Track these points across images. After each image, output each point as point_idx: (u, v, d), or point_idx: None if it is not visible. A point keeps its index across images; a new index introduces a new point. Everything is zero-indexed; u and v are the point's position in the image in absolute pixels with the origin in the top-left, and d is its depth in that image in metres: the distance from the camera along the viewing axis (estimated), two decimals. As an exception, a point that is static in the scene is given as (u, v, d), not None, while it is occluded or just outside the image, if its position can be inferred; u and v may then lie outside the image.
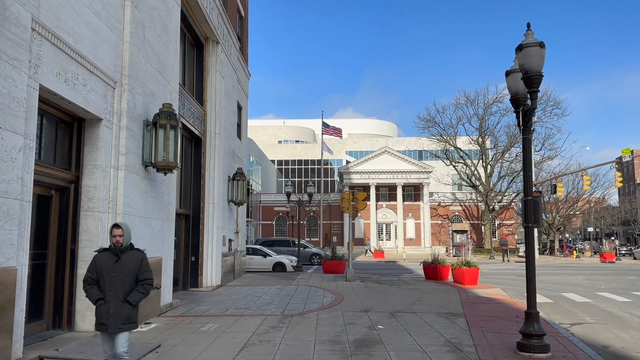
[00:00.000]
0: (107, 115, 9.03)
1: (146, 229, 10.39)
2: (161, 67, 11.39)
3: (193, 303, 13.03)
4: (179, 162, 10.79)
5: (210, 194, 16.71)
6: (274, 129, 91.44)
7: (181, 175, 15.64)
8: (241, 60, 22.05)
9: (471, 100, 53.13)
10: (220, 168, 17.32)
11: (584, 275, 25.04)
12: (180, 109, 14.12)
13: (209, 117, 17.02)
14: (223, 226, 17.78)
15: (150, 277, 5.61)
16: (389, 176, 60.26)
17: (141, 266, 5.58)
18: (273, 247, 34.16)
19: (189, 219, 16.18)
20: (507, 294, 16.26)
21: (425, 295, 15.11)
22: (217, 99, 17.33)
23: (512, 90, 8.43)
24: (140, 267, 5.57)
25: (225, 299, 13.85)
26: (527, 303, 7.74)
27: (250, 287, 17.18)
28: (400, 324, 10.04)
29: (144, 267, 5.59)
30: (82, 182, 8.80)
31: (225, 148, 18.34)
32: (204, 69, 17.01)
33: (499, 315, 11.36)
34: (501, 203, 53.42)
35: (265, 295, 14.73)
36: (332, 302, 13.32)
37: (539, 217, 7.78)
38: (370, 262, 38.80)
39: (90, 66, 8.32)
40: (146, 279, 5.56)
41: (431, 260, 20.86)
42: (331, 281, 19.61)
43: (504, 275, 25.59)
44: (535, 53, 7.46)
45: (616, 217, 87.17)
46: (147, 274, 5.60)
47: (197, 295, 14.63)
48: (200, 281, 16.21)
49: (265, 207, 62.86)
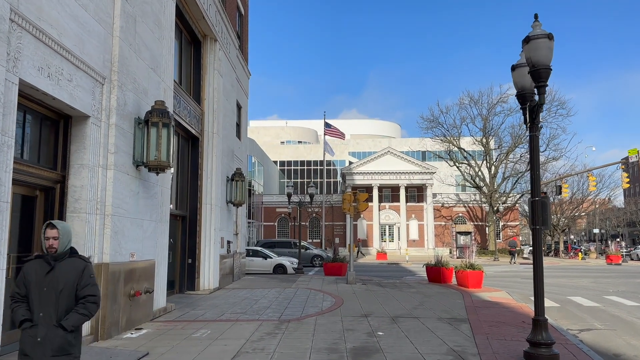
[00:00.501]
0: (95, 112, 8.66)
1: (138, 231, 10.01)
2: (154, 63, 11.02)
3: (188, 307, 12.65)
4: (173, 162, 10.42)
5: (208, 195, 16.34)
6: (277, 129, 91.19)
7: (177, 176, 15.28)
8: (241, 59, 21.69)
9: (475, 101, 52.72)
10: (219, 168, 16.95)
11: (590, 278, 24.55)
12: (176, 108, 13.76)
13: (207, 116, 16.66)
14: (221, 228, 17.41)
15: (95, 292, 4.24)
16: (392, 177, 59.81)
17: (82, 278, 4.20)
18: (274, 249, 33.80)
19: (185, 220, 15.81)
20: (512, 297, 15.81)
21: (428, 298, 14.69)
22: (215, 97, 16.96)
23: (518, 85, 8.02)
24: (81, 279, 4.20)
25: (221, 303, 13.46)
26: (534, 309, 7.33)
27: (249, 290, 16.80)
28: (401, 330, 9.63)
29: (85, 280, 4.21)
30: (69, 182, 8.43)
31: (224, 148, 17.98)
32: (202, 66, 16.64)
33: (504, 321, 10.94)
34: (505, 204, 52.89)
35: (263, 299, 14.34)
36: (331, 306, 12.92)
37: (547, 219, 7.37)
38: (373, 264, 38.38)
39: (76, 61, 7.95)
40: (88, 295, 4.19)
41: (434, 262, 20.43)
42: (332, 284, 19.21)
43: (508, 277, 25.13)
44: (543, 45, 7.05)
45: (621, 219, 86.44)
46: (90, 289, 4.22)
47: (193, 299, 14.26)
48: (197, 284, 15.84)
49: (267, 208, 62.53)
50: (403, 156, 60.59)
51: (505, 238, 60.57)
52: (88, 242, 8.39)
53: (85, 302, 4.18)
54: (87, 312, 4.18)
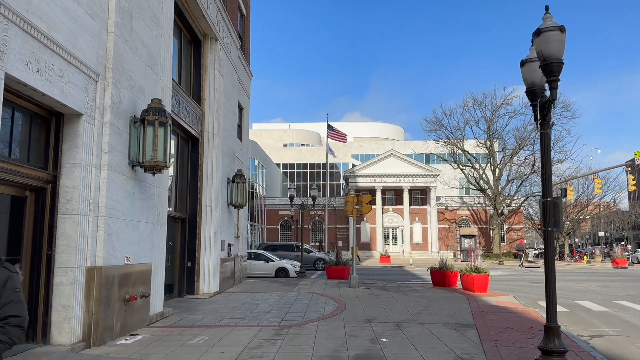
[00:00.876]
0: (88, 110, 8.36)
1: (133, 233, 9.69)
2: (151, 61, 10.72)
3: (187, 312, 12.32)
4: (170, 162, 10.10)
5: (208, 197, 16.02)
6: (279, 132, 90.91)
7: (176, 177, 14.98)
8: (242, 60, 21.40)
9: (479, 103, 52.39)
10: (219, 170, 16.64)
11: (598, 282, 24.11)
12: (175, 107, 13.47)
13: (207, 116, 16.35)
14: (222, 230, 17.09)
15: (19, 312, 3.22)
16: (395, 180, 59.42)
17: (3, 293, 3.20)
18: (276, 252, 33.46)
19: (185, 222, 15.49)
20: (519, 302, 15.43)
21: (433, 303, 14.32)
22: (216, 98, 16.66)
23: (528, 81, 7.67)
24: (2, 294, 3.19)
25: (221, 307, 13.12)
26: (546, 315, 6.95)
27: (250, 294, 16.46)
28: (405, 337, 9.27)
29: (7, 296, 3.20)
30: (60, 182, 8.12)
31: (225, 149, 17.67)
32: (202, 66, 16.35)
33: (512, 327, 10.56)
34: (510, 207, 52.41)
35: (264, 304, 13.99)
36: (333, 311, 12.56)
37: (559, 220, 7.00)
38: (376, 267, 37.99)
39: (67, 56, 7.65)
40: (10, 316, 3.19)
41: (439, 265, 20.06)
42: (334, 287, 18.85)
43: (514, 281, 24.73)
44: (555, 38, 6.71)
45: (626, 222, 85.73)
46: (13, 307, 3.21)
47: (192, 303, 13.92)
48: (196, 288, 15.50)
49: (270, 211, 62.20)
50: (406, 159, 60.20)
51: (509, 241, 60.10)
52: (80, 244, 8.08)
53: (5, 325, 3.16)
54: (7, 339, 3.16)
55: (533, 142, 50.57)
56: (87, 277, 8.26)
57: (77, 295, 8.03)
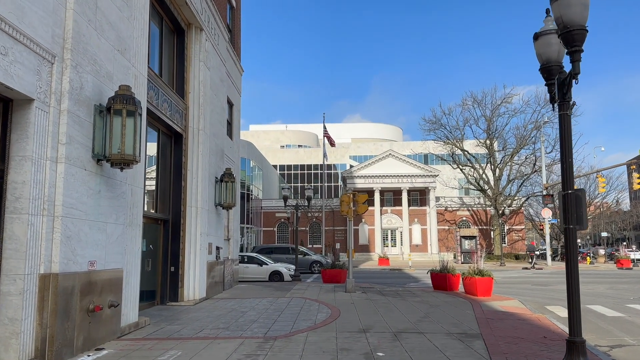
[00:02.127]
0: (41, 95, 7.34)
1: (99, 235, 8.66)
2: (122, 45, 9.71)
3: (166, 321, 11.27)
4: (140, 156, 9.06)
5: (193, 197, 15.00)
6: (276, 133, 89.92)
7: (158, 175, 13.96)
8: (232, 54, 20.39)
9: (478, 102, 51.37)
10: (205, 168, 15.61)
11: (606, 284, 23.09)
12: (154, 99, 12.46)
13: (192, 111, 15.34)
14: (209, 232, 16.06)
15: None
16: (394, 180, 58.40)
17: None
18: (271, 255, 32.42)
19: (167, 224, 14.46)
20: (526, 307, 14.41)
21: (434, 309, 13.29)
22: (202, 91, 15.64)
23: (542, 57, 6.68)
24: None
25: (204, 316, 12.08)
26: (569, 328, 5.96)
27: (239, 300, 15.41)
28: (404, 350, 8.24)
29: None
30: (8, 177, 7.09)
31: (212, 146, 16.65)
32: (186, 57, 15.35)
33: (522, 336, 9.54)
34: (511, 207, 51.40)
35: (252, 311, 12.95)
36: (326, 319, 11.53)
37: (583, 216, 6.01)
38: (374, 270, 36.94)
39: (13, 32, 6.64)
40: None
41: (439, 268, 19.02)
42: (329, 292, 17.81)
43: (518, 284, 23.70)
44: (577, 1, 5.71)
45: (627, 222, 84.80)
46: None
47: (174, 311, 12.88)
48: (180, 294, 14.46)
49: (267, 213, 61.14)
50: (405, 159, 59.20)
51: (510, 242, 59.10)
52: (31, 248, 7.05)
53: None
54: None
55: (534, 141, 49.65)
56: (41, 286, 7.23)
57: (27, 307, 7.00)
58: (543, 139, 45.24)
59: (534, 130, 49.00)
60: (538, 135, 48.37)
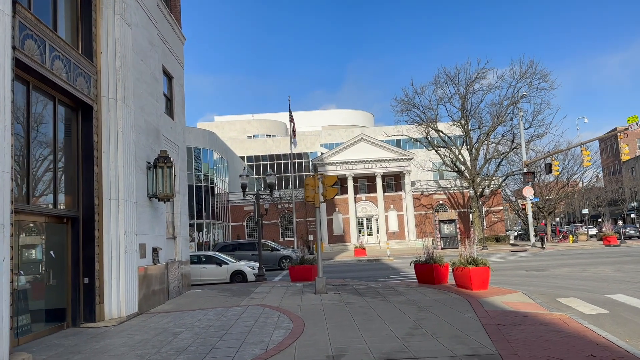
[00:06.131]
0: None
1: None
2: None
3: (59, 357, 8.04)
4: None
5: (112, 187, 11.70)
6: (243, 123, 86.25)
7: (55, 160, 10.60)
8: (166, 13, 16.97)
9: (451, 78, 48.70)
10: (129, 150, 12.31)
11: (609, 265, 20.64)
12: (35, 53, 9.11)
13: (105, 76, 11.99)
14: (140, 231, 12.81)
15: None
16: (367, 166, 55.62)
17: None
18: (235, 252, 29.30)
19: (77, 223, 11.15)
20: (534, 301, 11.69)
21: (426, 314, 10.38)
22: (119, 52, 12.29)
23: None
24: None
25: (119, 344, 8.88)
26: None
27: (179, 314, 12.23)
28: (395, 399, 5.23)
29: None
30: None
31: (140, 123, 13.35)
32: (94, 7, 11.96)
33: (560, 357, 6.65)
34: (490, 188, 49.19)
35: (188, 331, 9.80)
36: (284, 339, 8.48)
37: None
38: (351, 262, 34.06)
39: None
40: None
41: (424, 258, 16.17)
42: (296, 295, 14.79)
43: (510, 270, 21.08)
44: None
45: (602, 198, 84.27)
46: None
47: (84, 337, 9.64)
48: (99, 312, 11.20)
49: (235, 207, 57.66)
50: (378, 143, 56.41)
51: (489, 224, 57.11)
52: None
53: None
54: None
55: (510, 118, 47.35)
56: None
57: None
58: (521, 114, 42.96)
59: (510, 106, 46.72)
60: (515, 112, 46.15)
